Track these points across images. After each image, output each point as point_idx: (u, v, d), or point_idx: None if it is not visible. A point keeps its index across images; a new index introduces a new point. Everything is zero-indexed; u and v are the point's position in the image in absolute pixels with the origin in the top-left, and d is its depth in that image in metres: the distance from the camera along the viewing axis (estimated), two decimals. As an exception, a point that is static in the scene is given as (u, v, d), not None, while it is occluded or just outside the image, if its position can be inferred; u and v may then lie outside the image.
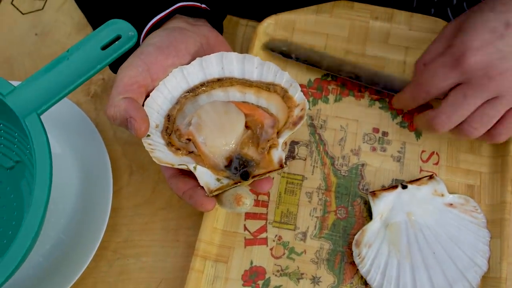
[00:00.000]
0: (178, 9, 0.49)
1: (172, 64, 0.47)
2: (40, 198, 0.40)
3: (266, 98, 0.47)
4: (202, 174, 0.42)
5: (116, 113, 0.43)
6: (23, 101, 0.44)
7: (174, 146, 0.45)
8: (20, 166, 0.51)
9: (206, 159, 0.44)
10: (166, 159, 0.43)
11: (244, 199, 0.40)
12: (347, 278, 0.49)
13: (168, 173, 0.45)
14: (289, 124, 0.45)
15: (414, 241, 0.49)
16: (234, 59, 0.48)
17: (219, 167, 0.44)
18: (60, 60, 0.45)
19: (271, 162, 0.43)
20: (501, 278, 0.47)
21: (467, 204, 0.51)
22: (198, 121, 0.44)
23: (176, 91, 0.47)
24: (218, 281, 0.49)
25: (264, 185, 0.44)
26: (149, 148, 0.44)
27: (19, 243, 0.40)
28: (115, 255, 0.51)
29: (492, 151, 0.53)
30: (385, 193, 0.50)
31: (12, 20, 0.61)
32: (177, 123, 0.46)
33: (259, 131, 0.45)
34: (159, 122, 0.46)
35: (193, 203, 0.42)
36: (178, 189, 0.43)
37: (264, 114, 0.45)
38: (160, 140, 0.45)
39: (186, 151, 0.45)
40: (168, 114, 0.46)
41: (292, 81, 0.47)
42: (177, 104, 0.47)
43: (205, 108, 0.45)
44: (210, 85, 0.47)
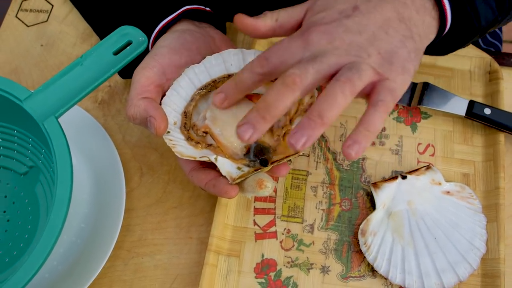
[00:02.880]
0: (184, 12, 0.51)
1: (185, 64, 0.49)
2: (62, 197, 0.42)
3: None
4: (223, 164, 0.44)
5: (136, 113, 0.45)
6: (40, 106, 0.45)
7: (193, 140, 0.47)
8: (34, 171, 0.52)
9: (225, 149, 0.46)
10: (188, 153, 0.45)
11: (266, 183, 0.43)
12: (355, 266, 0.51)
13: (188, 167, 0.47)
14: (300, 111, 0.47)
15: (416, 228, 0.52)
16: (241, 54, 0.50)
17: (239, 156, 0.46)
18: (75, 65, 0.47)
19: (287, 148, 0.46)
20: (499, 259, 0.50)
21: (463, 191, 0.54)
22: (212, 114, 0.46)
23: (189, 89, 0.49)
24: (231, 274, 0.51)
25: (282, 170, 0.46)
26: (171, 144, 0.46)
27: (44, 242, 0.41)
28: (130, 254, 0.52)
29: (484, 141, 0.56)
30: (386, 184, 0.53)
31: (17, 33, 0.63)
32: (193, 119, 0.48)
33: None
34: (177, 119, 0.48)
35: (217, 191, 0.44)
36: (200, 180, 0.45)
37: None
38: (180, 136, 0.47)
39: (205, 144, 0.47)
40: (185, 111, 0.48)
41: None
42: (191, 101, 0.49)
43: None
44: (221, 81, 0.50)
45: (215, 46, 0.51)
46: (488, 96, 0.58)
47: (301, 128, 0.39)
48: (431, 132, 0.57)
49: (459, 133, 0.57)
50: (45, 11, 0.64)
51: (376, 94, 0.41)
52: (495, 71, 0.58)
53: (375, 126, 0.40)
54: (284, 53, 0.42)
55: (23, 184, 0.53)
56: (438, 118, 0.57)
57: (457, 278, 0.50)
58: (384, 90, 0.41)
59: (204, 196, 0.55)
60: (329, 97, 0.39)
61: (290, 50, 0.42)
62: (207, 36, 0.51)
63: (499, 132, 0.55)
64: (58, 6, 0.65)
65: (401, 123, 0.57)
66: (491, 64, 0.59)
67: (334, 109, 0.39)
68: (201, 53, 0.50)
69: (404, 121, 0.57)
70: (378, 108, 0.40)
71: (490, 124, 0.55)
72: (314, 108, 0.39)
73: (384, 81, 0.41)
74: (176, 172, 0.56)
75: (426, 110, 0.58)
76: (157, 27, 0.51)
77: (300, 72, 0.40)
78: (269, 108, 0.40)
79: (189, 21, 0.52)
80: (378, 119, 0.40)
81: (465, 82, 0.59)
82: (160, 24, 0.51)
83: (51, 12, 0.64)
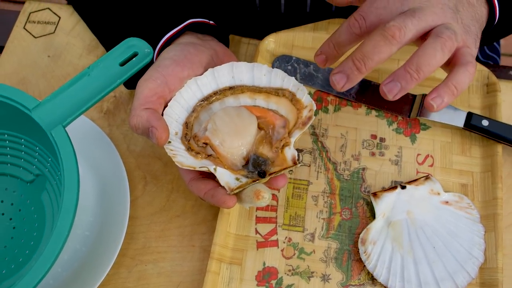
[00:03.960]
0: (189, 25, 0.53)
1: (188, 76, 0.50)
2: (69, 205, 0.43)
3: (275, 102, 0.51)
4: (222, 175, 0.45)
5: (139, 123, 0.46)
6: (48, 115, 0.47)
7: (194, 151, 0.48)
8: (40, 179, 0.53)
9: (224, 160, 0.47)
10: (188, 163, 0.46)
11: (263, 194, 0.44)
12: (355, 274, 0.52)
13: (188, 177, 0.48)
14: (299, 124, 0.48)
15: (415, 237, 0.53)
16: (243, 67, 0.51)
17: (237, 167, 0.47)
18: (82, 76, 0.48)
19: (285, 160, 0.47)
20: (497, 268, 0.51)
21: (461, 201, 0.54)
22: (213, 126, 0.48)
23: (191, 100, 0.50)
24: (233, 282, 0.51)
25: (279, 182, 0.47)
26: (171, 154, 0.47)
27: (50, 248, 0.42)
28: (134, 261, 0.53)
29: (482, 152, 0.57)
30: (386, 193, 0.54)
31: (25, 44, 0.64)
32: (194, 129, 0.49)
33: (271, 131, 0.48)
34: (178, 129, 0.49)
35: (215, 201, 0.45)
36: (200, 190, 0.46)
37: (275, 116, 0.49)
38: (181, 146, 0.48)
39: (205, 154, 0.48)
40: (186, 121, 0.50)
41: (299, 85, 0.50)
42: (193, 112, 0.50)
43: (218, 114, 0.48)
44: (222, 93, 0.51)
45: (217, 59, 0.52)
46: (486, 108, 0.59)
47: (396, 78, 0.40)
48: (430, 143, 0.58)
49: (457, 144, 0.58)
50: (52, 23, 0.66)
51: (463, 56, 0.42)
52: (493, 84, 0.59)
53: (462, 85, 0.41)
54: (382, 11, 0.43)
55: (29, 192, 0.54)
56: (437, 129, 0.58)
57: (455, 287, 0.50)
58: (468, 54, 0.42)
59: (207, 205, 0.56)
60: (429, 52, 0.40)
61: (388, 7, 0.43)
62: (210, 49, 0.52)
63: (496, 144, 0.56)
64: (65, 18, 0.66)
65: (401, 134, 0.58)
66: (489, 77, 0.60)
67: (432, 65, 0.40)
68: (204, 66, 0.51)
69: (404, 132, 0.58)
70: (468, 68, 0.41)
71: (488, 135, 0.56)
72: (412, 61, 0.40)
73: (466, 48, 0.43)
74: (180, 181, 0.57)
75: (425, 121, 0.59)
76: (161, 39, 0.52)
77: (400, 26, 0.41)
78: (364, 59, 0.41)
79: (193, 33, 0.54)
80: (467, 78, 0.41)
81: (463, 94, 0.60)
82: (164, 37, 0.52)
83: (58, 24, 0.66)
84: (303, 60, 0.61)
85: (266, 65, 0.52)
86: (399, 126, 0.59)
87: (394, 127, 0.59)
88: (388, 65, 0.61)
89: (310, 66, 0.61)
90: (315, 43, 0.62)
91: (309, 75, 0.60)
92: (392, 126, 0.59)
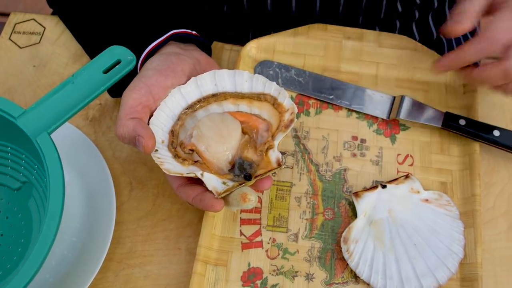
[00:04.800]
0: (172, 36, 0.54)
1: (171, 85, 0.51)
2: (55, 209, 0.44)
3: (258, 107, 0.52)
4: (209, 180, 0.46)
5: (125, 133, 0.47)
6: (33, 122, 0.47)
7: (180, 158, 0.49)
8: (27, 186, 0.54)
9: (210, 165, 0.48)
10: (175, 169, 0.47)
11: (250, 196, 0.45)
12: (338, 272, 0.53)
13: (176, 183, 0.49)
14: (281, 127, 0.50)
15: (396, 235, 0.54)
16: (225, 75, 0.53)
17: (224, 171, 0.48)
18: (66, 83, 0.49)
19: (270, 162, 0.48)
20: (477, 263, 0.52)
21: (441, 199, 0.56)
22: (198, 132, 0.49)
23: (176, 109, 0.51)
24: (219, 283, 0.52)
25: (265, 183, 0.48)
26: (159, 161, 0.48)
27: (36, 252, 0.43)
28: (120, 265, 0.54)
29: (460, 151, 0.59)
30: (367, 193, 0.55)
31: (11, 54, 0.65)
32: (180, 137, 0.50)
33: (255, 135, 0.49)
34: (165, 138, 0.50)
35: (203, 206, 0.46)
36: (188, 196, 0.47)
37: (258, 120, 0.50)
38: (167, 153, 0.49)
39: (191, 161, 0.49)
40: (172, 130, 0.51)
41: (280, 89, 0.52)
42: (178, 120, 0.51)
43: (202, 121, 0.49)
44: (206, 101, 0.52)
45: (200, 67, 0.54)
46: (463, 108, 0.61)
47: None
48: (409, 143, 0.59)
49: (436, 144, 0.59)
50: (38, 33, 0.67)
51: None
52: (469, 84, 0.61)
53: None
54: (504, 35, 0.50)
55: (16, 199, 0.54)
56: (416, 129, 0.60)
57: (436, 282, 0.52)
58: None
59: (192, 209, 0.57)
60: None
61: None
62: (192, 58, 0.54)
63: (474, 142, 0.58)
64: (50, 28, 0.67)
65: (381, 135, 0.60)
66: (466, 78, 0.62)
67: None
68: (186, 75, 0.52)
69: (384, 133, 0.60)
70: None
71: (466, 134, 0.58)
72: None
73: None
74: (165, 186, 0.58)
75: (404, 122, 0.60)
76: (145, 50, 0.53)
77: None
78: (474, 75, 0.52)
79: (176, 43, 0.55)
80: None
81: (441, 95, 0.62)
82: (148, 47, 0.53)
83: (44, 34, 0.67)
84: (285, 65, 0.62)
85: (248, 72, 0.53)
86: (379, 127, 0.60)
87: (374, 128, 0.60)
88: (367, 70, 0.63)
89: (291, 70, 0.62)
90: (296, 48, 0.63)
91: (290, 79, 0.62)
92: (372, 127, 0.60)
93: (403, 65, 0.63)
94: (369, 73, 0.63)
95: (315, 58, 0.63)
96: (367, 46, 0.63)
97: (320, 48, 0.63)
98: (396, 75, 0.63)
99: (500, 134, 0.57)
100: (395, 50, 0.63)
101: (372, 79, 0.62)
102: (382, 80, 0.62)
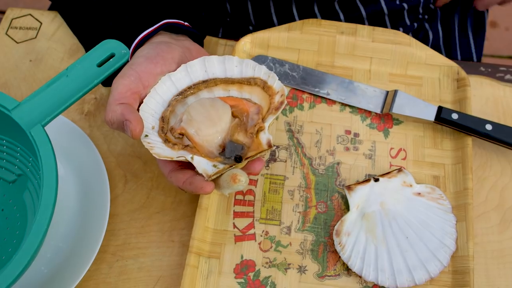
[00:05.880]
0: (163, 25, 0.54)
1: (161, 72, 0.52)
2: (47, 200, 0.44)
3: (248, 91, 0.52)
4: (199, 163, 0.47)
5: (113, 118, 0.48)
6: (27, 115, 0.48)
7: (170, 142, 0.49)
8: (22, 179, 0.54)
9: (200, 148, 0.48)
10: (165, 154, 0.48)
11: (240, 177, 0.45)
12: (331, 265, 0.53)
13: (167, 169, 0.49)
14: (272, 110, 0.50)
15: (388, 227, 0.54)
16: (215, 61, 0.53)
17: (214, 155, 0.49)
18: (60, 76, 0.50)
19: (260, 144, 0.48)
20: (468, 257, 0.52)
21: (433, 192, 0.56)
22: (188, 117, 0.49)
23: (166, 96, 0.52)
24: (212, 275, 0.53)
25: (256, 166, 0.48)
26: (149, 146, 0.48)
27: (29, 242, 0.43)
28: (114, 257, 0.54)
29: (452, 145, 0.59)
30: (360, 186, 0.56)
31: (7, 49, 0.66)
32: (171, 123, 0.51)
33: (245, 118, 0.50)
34: (155, 124, 0.51)
35: (193, 188, 0.46)
36: (178, 180, 0.48)
37: (248, 104, 0.51)
38: (158, 139, 0.50)
39: (182, 145, 0.49)
40: (162, 116, 0.51)
41: (270, 72, 0.52)
42: (169, 107, 0.51)
43: (193, 105, 0.50)
44: (196, 87, 0.52)
45: (190, 55, 0.54)
46: (456, 103, 0.61)
47: None
48: (402, 137, 0.60)
49: (429, 138, 0.60)
50: (34, 28, 0.67)
51: None
52: (462, 79, 0.61)
53: None
54: None
55: (11, 191, 0.55)
56: (409, 124, 0.60)
57: (428, 275, 0.52)
58: None
59: (186, 201, 0.57)
60: None
61: None
62: (182, 47, 0.54)
63: (467, 136, 0.58)
64: (47, 24, 0.68)
65: (374, 129, 0.60)
66: (459, 72, 0.62)
67: None
68: (176, 62, 0.53)
69: (377, 127, 0.60)
70: None
71: (458, 128, 0.58)
72: None
73: None
74: (159, 179, 0.58)
75: (397, 116, 0.60)
76: (136, 39, 0.54)
77: None
78: None
79: (167, 34, 0.55)
80: None
81: (434, 89, 0.62)
82: (139, 36, 0.54)
83: (40, 30, 0.67)
84: (279, 59, 0.63)
85: (237, 57, 0.54)
86: (373, 121, 0.60)
87: (367, 123, 0.60)
88: (361, 65, 0.63)
89: (285, 65, 0.62)
90: (290, 43, 0.64)
91: (284, 74, 0.62)
92: (365, 121, 0.60)
93: (397, 60, 0.63)
94: (363, 68, 0.63)
95: (309, 53, 0.64)
96: (361, 41, 0.63)
97: (314, 43, 0.64)
98: (390, 70, 0.63)
99: (493, 128, 0.57)
100: (389, 45, 0.63)
101: (366, 73, 0.63)
102: (376, 74, 0.63)
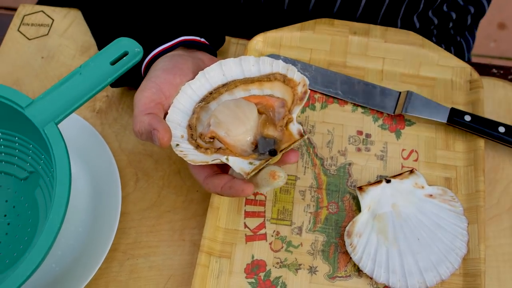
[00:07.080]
0: (180, 42, 0.54)
1: (180, 82, 0.52)
2: (61, 196, 0.44)
3: (269, 87, 0.52)
4: (235, 162, 0.47)
5: (142, 128, 0.48)
6: (41, 112, 0.48)
7: (202, 148, 0.49)
8: (34, 176, 0.55)
9: (233, 149, 0.49)
10: (200, 159, 0.48)
11: (279, 173, 0.45)
12: (341, 266, 0.53)
13: (202, 176, 0.49)
14: (296, 101, 0.50)
15: (400, 229, 0.54)
16: (232, 63, 0.53)
17: (247, 153, 0.49)
18: (74, 74, 0.50)
19: (292, 135, 0.48)
20: (480, 259, 0.52)
21: (445, 194, 0.56)
22: (215, 120, 0.49)
23: (189, 104, 0.52)
24: (222, 275, 0.53)
25: (292, 157, 0.49)
26: (182, 154, 0.48)
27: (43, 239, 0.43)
28: (125, 256, 0.54)
29: (465, 147, 0.59)
30: (371, 187, 0.55)
31: (19, 46, 0.66)
32: (198, 129, 0.51)
33: (272, 113, 0.50)
34: (183, 132, 0.51)
35: (233, 192, 0.46)
36: (216, 186, 0.48)
37: (272, 99, 0.51)
38: (189, 146, 0.50)
39: (214, 149, 0.49)
40: (189, 124, 0.51)
41: (288, 65, 0.52)
42: (194, 114, 0.52)
43: (218, 109, 0.50)
44: (217, 91, 0.53)
45: (204, 66, 0.54)
46: (469, 104, 0.61)
47: None
48: (414, 138, 0.59)
49: (441, 139, 0.59)
50: (46, 25, 0.67)
51: None
52: (475, 80, 0.61)
53: None
54: None
55: (23, 189, 0.55)
56: (421, 125, 0.60)
57: (439, 277, 0.52)
58: None
59: (197, 200, 0.57)
60: None
61: None
62: (196, 58, 0.55)
63: (479, 138, 0.58)
64: (59, 20, 0.68)
65: (386, 130, 0.60)
66: (472, 74, 0.62)
67: None
68: (192, 71, 0.53)
69: (389, 128, 0.60)
70: None
71: (471, 130, 0.58)
72: None
73: None
74: (170, 177, 0.58)
75: (409, 117, 0.60)
76: (152, 52, 0.54)
77: None
78: None
79: (180, 47, 0.55)
80: None
81: (447, 90, 0.62)
82: (155, 50, 0.54)
83: (52, 26, 0.67)
84: (291, 59, 0.63)
85: (252, 56, 0.54)
86: (385, 122, 0.60)
87: (379, 123, 0.60)
88: (372, 64, 0.63)
89: (297, 65, 0.62)
90: (302, 43, 0.64)
91: (296, 74, 0.62)
92: (377, 122, 0.60)
93: (409, 61, 0.63)
94: (375, 68, 0.63)
95: (321, 52, 0.63)
96: (373, 41, 0.63)
97: (326, 43, 0.64)
98: (402, 70, 0.63)
99: (506, 130, 0.57)
100: (401, 46, 0.63)
101: (378, 74, 0.63)
102: (388, 75, 0.62)
